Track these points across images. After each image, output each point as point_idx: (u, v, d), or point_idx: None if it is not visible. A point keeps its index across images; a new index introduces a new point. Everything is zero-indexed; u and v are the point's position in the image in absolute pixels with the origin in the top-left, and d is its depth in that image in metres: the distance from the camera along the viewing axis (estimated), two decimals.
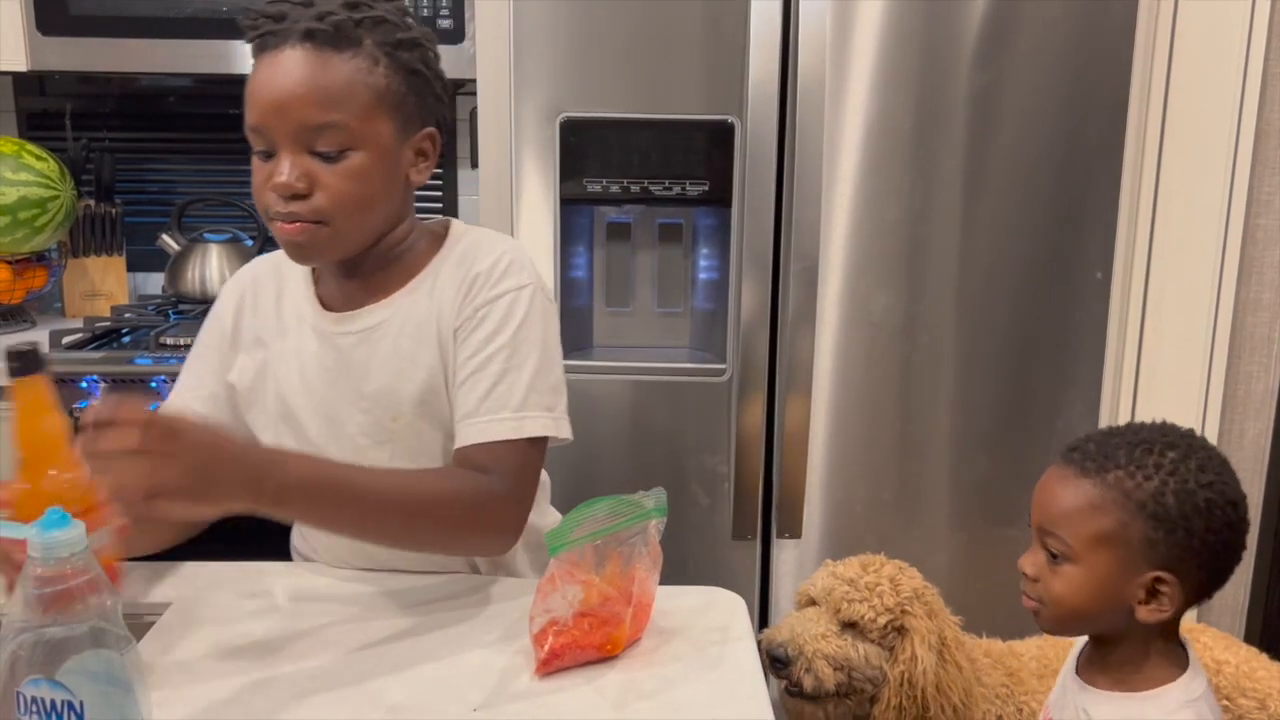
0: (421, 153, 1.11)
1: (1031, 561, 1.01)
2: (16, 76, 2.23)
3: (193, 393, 1.18)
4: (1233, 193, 1.80)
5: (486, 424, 1.07)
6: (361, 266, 1.12)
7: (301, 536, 1.25)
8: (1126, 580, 0.95)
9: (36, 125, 2.30)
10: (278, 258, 1.18)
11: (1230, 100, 1.76)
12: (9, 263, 2.10)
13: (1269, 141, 1.81)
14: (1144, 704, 0.97)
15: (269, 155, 1.04)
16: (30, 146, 2.07)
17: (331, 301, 1.15)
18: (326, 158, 1.03)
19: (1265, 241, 1.84)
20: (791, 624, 1.38)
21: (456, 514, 1.04)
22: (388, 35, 1.05)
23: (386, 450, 1.13)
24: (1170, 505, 0.93)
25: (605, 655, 0.97)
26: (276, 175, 1.02)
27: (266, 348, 1.17)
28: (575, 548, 0.94)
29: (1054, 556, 0.99)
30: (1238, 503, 0.96)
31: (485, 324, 1.09)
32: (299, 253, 1.07)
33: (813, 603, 1.41)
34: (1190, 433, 0.99)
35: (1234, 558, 0.97)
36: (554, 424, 1.10)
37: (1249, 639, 1.92)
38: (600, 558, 0.95)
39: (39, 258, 2.18)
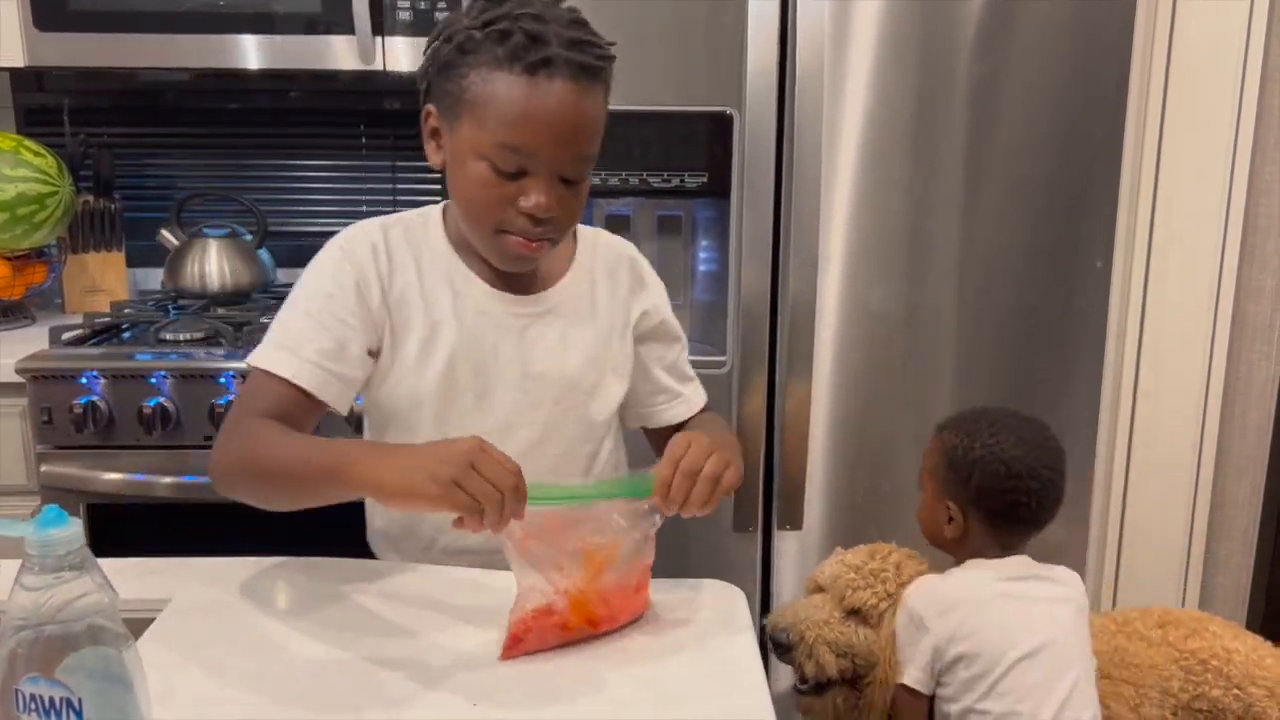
0: None
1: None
2: (14, 72, 2.22)
3: (331, 361, 1.10)
4: (1233, 179, 1.80)
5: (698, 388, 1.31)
6: None
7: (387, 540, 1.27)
8: (939, 506, 1.36)
9: (35, 121, 2.29)
10: (391, 228, 1.17)
11: (1231, 86, 1.76)
12: (8, 259, 2.10)
13: (1269, 127, 1.80)
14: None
15: (514, 174, 1.05)
16: (28, 142, 2.07)
17: (494, 282, 1.17)
18: (568, 182, 1.08)
19: (1266, 228, 1.83)
20: (795, 609, 1.39)
21: None
22: (611, 67, 1.10)
23: (537, 430, 1.18)
24: (959, 457, 1.34)
25: (587, 635, 0.97)
26: (536, 199, 1.05)
27: (417, 321, 1.15)
28: (548, 507, 0.93)
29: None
30: (1009, 463, 1.32)
31: (658, 311, 1.26)
32: (520, 264, 1.13)
33: (820, 589, 1.41)
34: (1028, 420, 1.37)
35: (1002, 502, 1.33)
36: None
37: (1250, 625, 1.92)
38: (574, 562, 0.95)
39: (38, 254, 2.18)
